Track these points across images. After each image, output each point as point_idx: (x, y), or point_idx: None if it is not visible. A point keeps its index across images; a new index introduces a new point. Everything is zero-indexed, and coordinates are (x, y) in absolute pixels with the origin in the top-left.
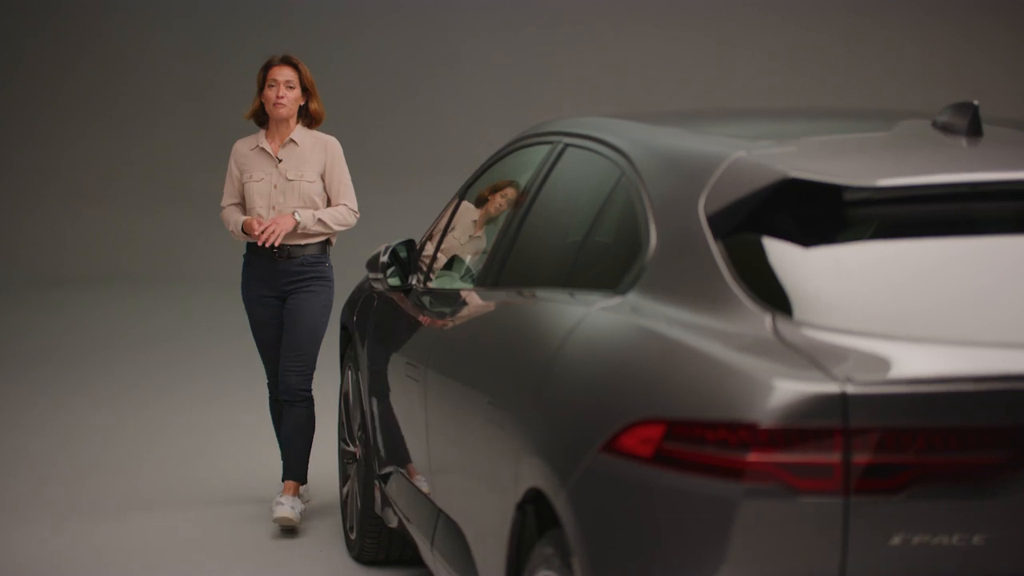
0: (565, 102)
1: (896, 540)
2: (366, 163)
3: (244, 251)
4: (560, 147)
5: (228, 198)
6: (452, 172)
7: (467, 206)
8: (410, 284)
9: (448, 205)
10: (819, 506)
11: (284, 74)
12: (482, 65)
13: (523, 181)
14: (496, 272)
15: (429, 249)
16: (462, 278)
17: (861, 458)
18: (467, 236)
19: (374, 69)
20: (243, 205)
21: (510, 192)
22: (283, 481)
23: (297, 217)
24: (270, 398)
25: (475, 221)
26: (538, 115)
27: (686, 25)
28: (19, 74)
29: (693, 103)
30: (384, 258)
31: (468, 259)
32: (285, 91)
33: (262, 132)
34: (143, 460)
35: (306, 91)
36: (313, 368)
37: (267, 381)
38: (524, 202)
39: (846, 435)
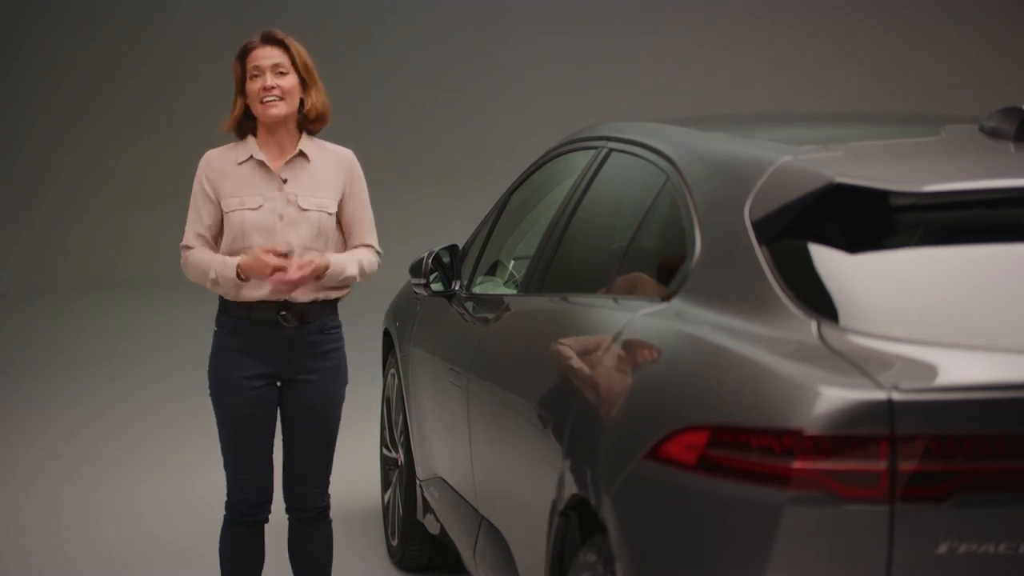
0: (610, 106)
1: (942, 549)
2: (407, 168)
3: (218, 314)
4: (604, 152)
5: (195, 236)
6: (495, 177)
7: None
8: (453, 289)
9: (492, 210)
10: (864, 514)
11: (270, 56)
12: (527, 69)
13: (567, 186)
14: (540, 278)
15: (473, 254)
16: (506, 283)
17: (907, 465)
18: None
19: (416, 72)
20: (214, 244)
21: None
22: None
23: (332, 261)
24: (229, 519)
25: None
26: (583, 119)
27: (733, 30)
28: (18, 78)
29: (739, 108)
30: (428, 263)
31: (512, 264)
32: (275, 80)
33: (251, 140)
34: (145, 467)
35: (302, 80)
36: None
37: (228, 491)
38: (568, 207)
39: (892, 442)
